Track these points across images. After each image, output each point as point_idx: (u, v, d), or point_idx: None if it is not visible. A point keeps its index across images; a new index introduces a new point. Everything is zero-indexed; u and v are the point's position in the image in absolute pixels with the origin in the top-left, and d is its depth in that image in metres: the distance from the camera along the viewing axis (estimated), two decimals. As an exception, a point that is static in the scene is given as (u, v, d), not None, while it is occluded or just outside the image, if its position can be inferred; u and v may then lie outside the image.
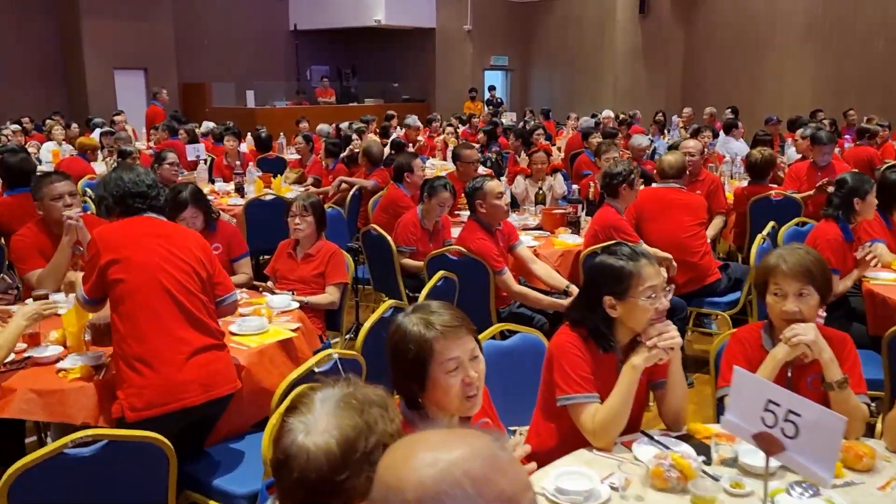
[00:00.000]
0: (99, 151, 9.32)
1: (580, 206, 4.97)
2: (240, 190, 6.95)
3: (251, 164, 7.36)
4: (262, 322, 3.10)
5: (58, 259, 3.57)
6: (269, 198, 6.24)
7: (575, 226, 4.96)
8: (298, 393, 1.42)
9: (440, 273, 3.42)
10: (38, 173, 4.32)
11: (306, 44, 19.47)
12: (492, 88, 17.74)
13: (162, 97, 12.88)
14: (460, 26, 18.69)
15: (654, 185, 4.75)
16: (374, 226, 4.66)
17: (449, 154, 9.22)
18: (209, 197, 6.48)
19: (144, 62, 16.28)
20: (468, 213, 4.20)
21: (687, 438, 2.10)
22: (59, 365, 2.65)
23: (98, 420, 2.52)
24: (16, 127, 10.02)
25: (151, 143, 10.11)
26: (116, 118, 12.27)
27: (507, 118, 14.34)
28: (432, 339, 1.75)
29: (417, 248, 4.60)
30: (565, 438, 2.19)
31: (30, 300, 2.75)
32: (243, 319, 3.13)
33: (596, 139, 7.37)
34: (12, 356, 2.67)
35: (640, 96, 16.64)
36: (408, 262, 4.55)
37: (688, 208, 4.53)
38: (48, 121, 11.57)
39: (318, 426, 1.29)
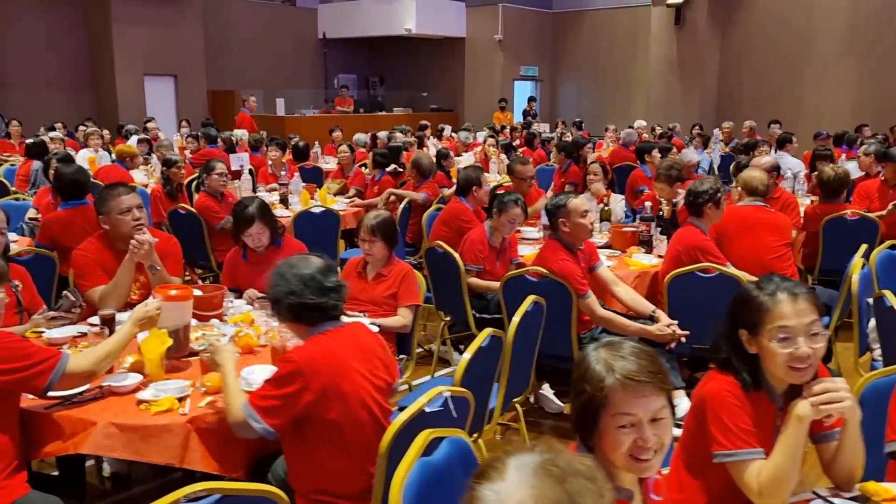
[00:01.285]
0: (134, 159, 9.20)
1: (653, 224, 4.73)
2: (284, 201, 6.77)
3: (297, 174, 7.17)
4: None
5: (121, 277, 3.38)
6: (318, 210, 6.05)
7: (647, 245, 4.72)
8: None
9: (531, 297, 3.20)
10: (102, 185, 4.13)
11: (334, 52, 19.40)
12: (531, 100, 17.54)
13: (249, 104, 12.80)
14: (491, 36, 18.53)
15: (741, 202, 4.50)
16: (441, 243, 4.44)
17: (493, 166, 9.05)
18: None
19: (174, 69, 16.23)
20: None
21: (863, 501, 1.85)
22: (140, 396, 2.44)
23: (182, 461, 2.31)
24: (56, 134, 9.90)
25: (187, 152, 9.97)
26: (149, 125, 12.18)
27: (540, 129, 14.14)
28: (609, 388, 1.53)
29: (484, 267, 4.39)
30: (720, 497, 1.95)
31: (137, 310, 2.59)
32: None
33: (658, 154, 7.12)
34: (86, 386, 2.48)
35: (674, 109, 16.36)
36: (476, 281, 4.33)
37: (773, 228, 4.28)
38: (81, 127, 11.48)
39: (512, 497, 1.09)
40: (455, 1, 18.72)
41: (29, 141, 8.06)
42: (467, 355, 2.64)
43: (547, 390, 4.30)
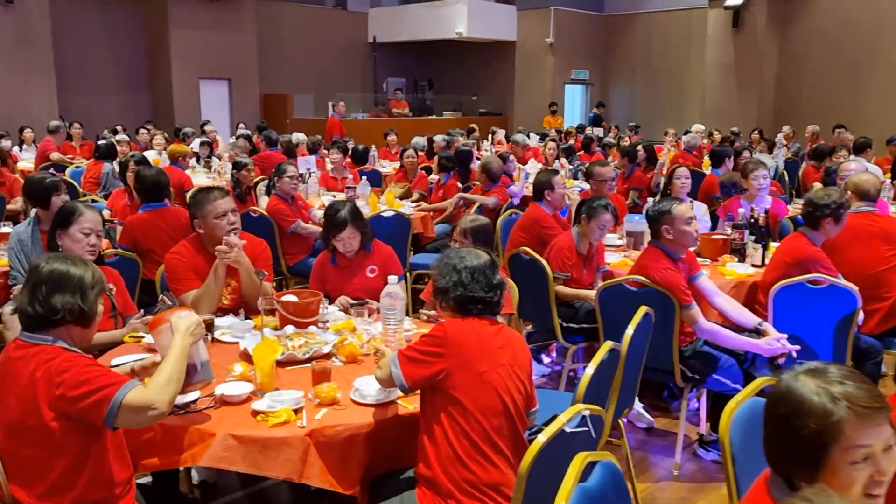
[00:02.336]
0: (192, 160, 9.25)
1: (746, 232, 4.53)
2: (351, 204, 6.69)
3: (364, 178, 7.11)
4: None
5: (212, 281, 3.32)
6: (388, 214, 5.97)
7: (740, 253, 4.53)
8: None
9: (643, 308, 3.05)
10: (196, 188, 4.09)
11: (383, 56, 19.43)
12: (600, 105, 17.36)
13: (339, 108, 12.90)
14: (542, 39, 18.36)
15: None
16: (527, 249, 4.31)
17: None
18: (321, 212, 6.32)
19: (228, 72, 16.38)
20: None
21: None
22: (255, 406, 2.35)
23: (301, 476, 2.22)
24: (122, 137, 10.02)
25: (232, 153, 9.94)
26: (206, 127, 12.28)
27: (595, 133, 13.92)
28: (842, 420, 1.37)
29: (572, 275, 4.24)
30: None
31: (182, 312, 2.35)
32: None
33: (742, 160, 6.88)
34: (196, 393, 2.40)
35: (730, 113, 16.00)
36: (564, 289, 4.19)
37: (884, 236, 4.05)
38: (142, 130, 11.61)
39: None
40: (506, 4, 18.61)
41: (101, 143, 8.13)
42: (590, 370, 2.50)
43: (637, 404, 4.14)
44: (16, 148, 11.07)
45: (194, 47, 15.63)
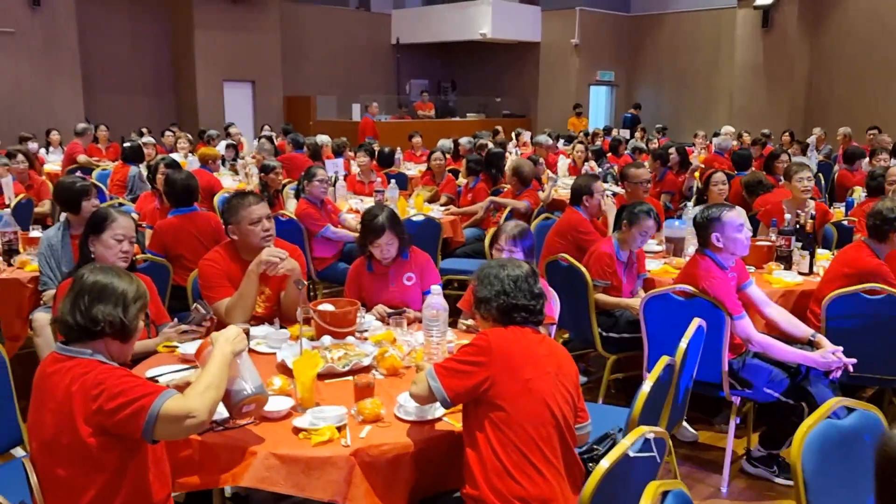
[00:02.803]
0: (220, 163, 9.20)
1: (793, 238, 4.37)
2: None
3: (392, 181, 7.01)
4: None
5: (246, 289, 3.23)
6: (418, 218, 5.87)
7: (786, 261, 4.37)
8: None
9: (697, 320, 2.91)
10: (230, 193, 4.02)
11: (406, 57, 19.36)
12: (637, 107, 17.20)
13: (372, 109, 12.88)
14: (567, 40, 18.19)
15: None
16: (565, 255, 4.18)
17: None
18: (350, 216, 6.24)
19: (252, 74, 16.40)
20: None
21: None
22: (297, 423, 2.25)
23: (346, 497, 2.11)
24: (148, 139, 10.01)
25: (260, 156, 9.92)
26: (231, 130, 12.26)
27: (622, 135, 13.74)
28: None
29: (612, 283, 4.11)
30: None
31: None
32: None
33: (782, 163, 6.71)
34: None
35: (759, 114, 15.75)
36: (604, 298, 4.05)
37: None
38: (167, 133, 11.62)
39: None
40: (530, 5, 18.47)
41: (127, 145, 8.10)
42: (647, 387, 2.38)
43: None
44: (42, 150, 11.13)
45: (219, 49, 15.66)
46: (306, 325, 3.23)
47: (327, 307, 3.14)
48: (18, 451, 2.81)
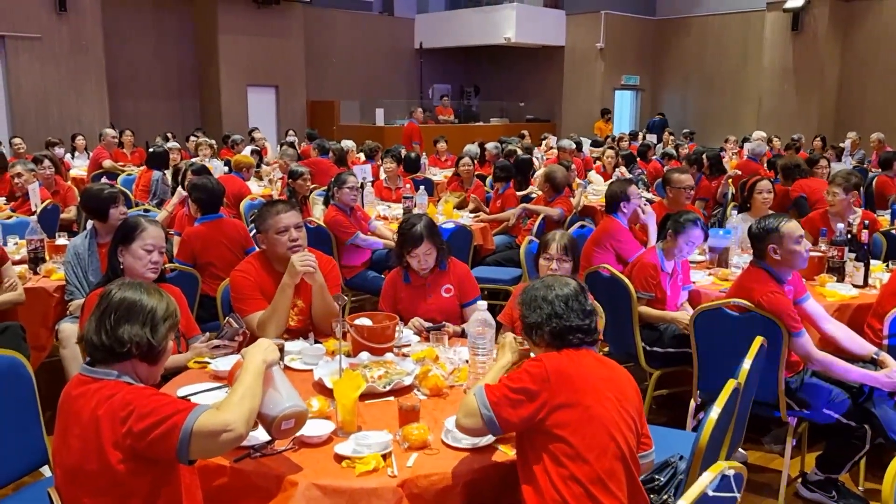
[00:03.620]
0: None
1: (846, 249, 4.16)
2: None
3: (422, 187, 6.88)
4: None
5: (280, 301, 3.09)
6: (449, 225, 5.72)
7: (838, 272, 4.17)
8: None
9: (760, 339, 2.73)
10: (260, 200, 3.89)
11: (429, 62, 19.26)
12: (660, 115, 17.06)
13: (417, 114, 12.80)
14: (592, 44, 17.99)
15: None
16: (608, 266, 4.01)
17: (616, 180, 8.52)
18: (378, 223, 6.11)
19: (276, 79, 16.37)
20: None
21: None
22: (339, 450, 2.10)
23: (393, 530, 1.96)
24: (174, 144, 9.96)
25: (283, 162, 9.82)
26: (255, 135, 12.21)
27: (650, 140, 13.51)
28: None
29: (656, 295, 3.93)
30: None
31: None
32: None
33: (824, 169, 6.49)
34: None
35: (788, 119, 15.45)
36: (648, 311, 3.87)
37: None
38: (192, 137, 11.58)
39: None
40: (555, 10, 18.29)
41: (151, 150, 8.04)
42: (715, 413, 2.20)
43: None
44: (68, 155, 11.12)
45: (243, 54, 15.65)
46: (343, 340, 3.10)
47: (364, 321, 3.00)
48: (46, 471, 2.69)
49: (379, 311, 3.38)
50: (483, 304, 2.62)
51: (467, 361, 2.78)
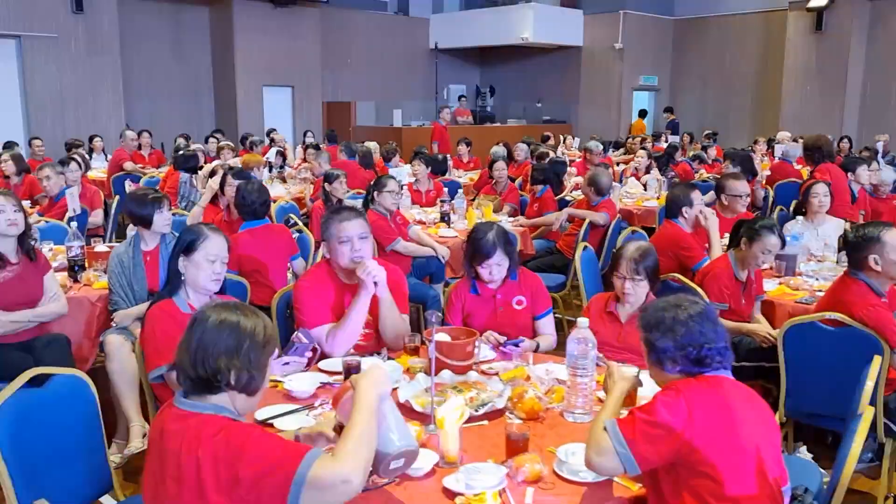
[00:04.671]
0: (265, 169, 8.93)
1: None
2: (446, 219, 6.30)
3: (460, 190, 6.69)
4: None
5: (354, 316, 2.91)
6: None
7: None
8: None
9: (879, 359, 2.54)
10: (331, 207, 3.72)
11: (445, 63, 19.07)
12: (668, 110, 16.82)
13: (444, 115, 12.62)
14: (610, 44, 17.78)
15: None
16: (678, 276, 3.83)
17: (652, 184, 8.34)
18: (417, 227, 5.92)
19: (292, 80, 16.20)
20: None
21: None
22: (448, 485, 1.92)
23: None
24: (199, 146, 9.79)
25: (309, 163, 9.65)
26: (275, 136, 12.03)
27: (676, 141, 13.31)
28: None
29: (730, 306, 3.74)
30: None
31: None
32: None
33: (866, 171, 6.30)
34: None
35: (810, 120, 15.21)
36: (726, 323, 3.67)
37: None
38: (211, 139, 11.40)
39: None
40: (572, 9, 18.09)
41: (180, 152, 7.87)
42: (855, 446, 2.01)
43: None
44: (85, 157, 10.95)
45: (259, 54, 15.47)
46: (414, 356, 2.92)
47: (443, 337, 2.81)
48: (108, 500, 2.52)
49: (445, 324, 3.20)
50: (584, 321, 2.43)
51: (559, 380, 2.61)
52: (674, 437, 1.82)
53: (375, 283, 2.90)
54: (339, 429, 1.89)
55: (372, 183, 5.55)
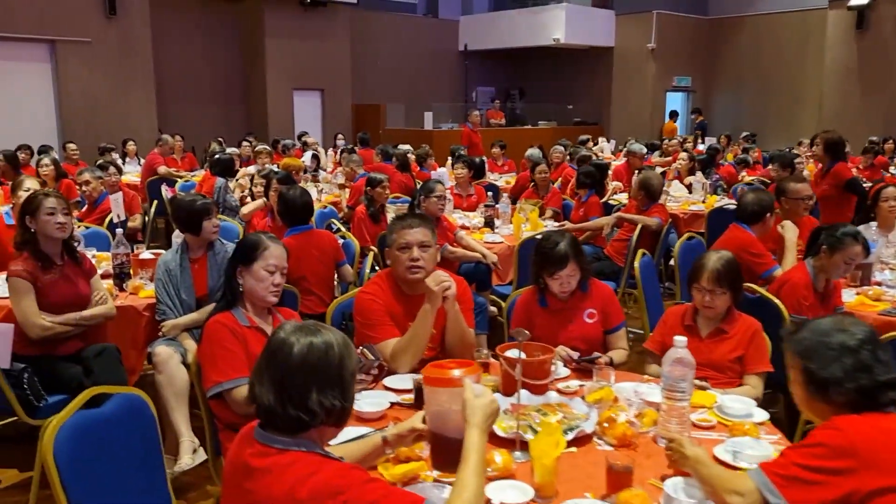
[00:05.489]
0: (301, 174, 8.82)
1: None
2: (490, 224, 6.13)
3: (505, 195, 6.52)
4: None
5: (419, 329, 2.74)
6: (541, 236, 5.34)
7: None
8: None
9: None
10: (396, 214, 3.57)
11: (474, 65, 18.92)
12: (696, 111, 16.51)
13: (473, 118, 12.52)
14: (642, 45, 17.52)
15: None
16: (753, 286, 3.62)
17: (697, 187, 8.10)
18: (462, 232, 5.75)
19: (321, 83, 16.14)
20: None
21: None
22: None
23: None
24: (234, 150, 9.72)
25: (349, 168, 9.52)
26: (308, 140, 11.94)
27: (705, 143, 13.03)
28: None
29: (809, 318, 3.51)
30: None
31: (476, 387, 1.76)
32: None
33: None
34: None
35: (851, 120, 14.82)
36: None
37: None
38: (244, 143, 11.34)
39: None
40: (604, 9, 17.84)
41: (216, 156, 7.77)
42: None
43: None
44: (118, 161, 10.93)
45: (289, 57, 15.43)
46: (487, 375, 2.75)
47: (514, 353, 2.63)
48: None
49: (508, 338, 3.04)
50: (681, 339, 2.23)
51: (647, 402, 2.42)
52: (839, 482, 1.62)
53: (445, 297, 2.73)
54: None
55: (419, 188, 5.39)
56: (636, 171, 8.79)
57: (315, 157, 9.57)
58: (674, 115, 15.97)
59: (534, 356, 2.63)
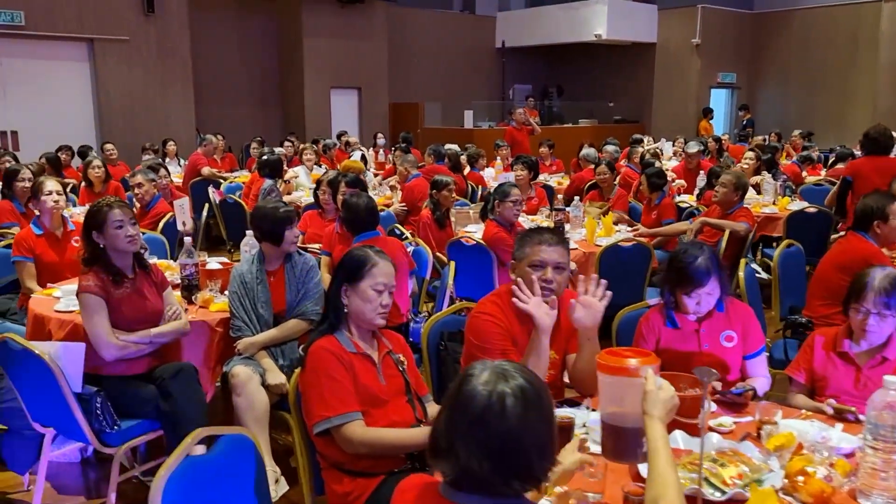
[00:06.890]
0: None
1: None
2: (560, 229, 5.78)
3: (576, 198, 6.18)
4: None
5: (539, 352, 2.42)
6: (627, 244, 5.00)
7: None
8: None
9: None
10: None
11: (511, 62, 18.56)
12: (744, 108, 16.02)
13: (517, 115, 12.24)
14: (687, 40, 17.03)
15: None
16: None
17: (769, 188, 7.67)
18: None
19: (359, 81, 15.87)
20: None
21: None
22: None
23: None
24: (280, 150, 9.46)
25: (403, 169, 9.21)
26: (350, 139, 11.68)
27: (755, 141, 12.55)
28: None
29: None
30: None
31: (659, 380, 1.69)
32: None
33: None
34: None
35: (907, 118, 14.26)
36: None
37: None
38: (286, 143, 11.09)
39: None
40: (646, 4, 17.37)
41: (264, 157, 7.50)
42: None
43: None
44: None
45: (326, 55, 15.18)
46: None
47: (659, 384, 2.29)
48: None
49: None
50: (893, 380, 1.88)
51: (833, 448, 2.07)
52: None
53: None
54: None
55: (493, 192, 5.07)
56: (699, 172, 8.41)
57: (363, 158, 9.27)
58: (708, 112, 15.43)
59: (680, 389, 2.29)
